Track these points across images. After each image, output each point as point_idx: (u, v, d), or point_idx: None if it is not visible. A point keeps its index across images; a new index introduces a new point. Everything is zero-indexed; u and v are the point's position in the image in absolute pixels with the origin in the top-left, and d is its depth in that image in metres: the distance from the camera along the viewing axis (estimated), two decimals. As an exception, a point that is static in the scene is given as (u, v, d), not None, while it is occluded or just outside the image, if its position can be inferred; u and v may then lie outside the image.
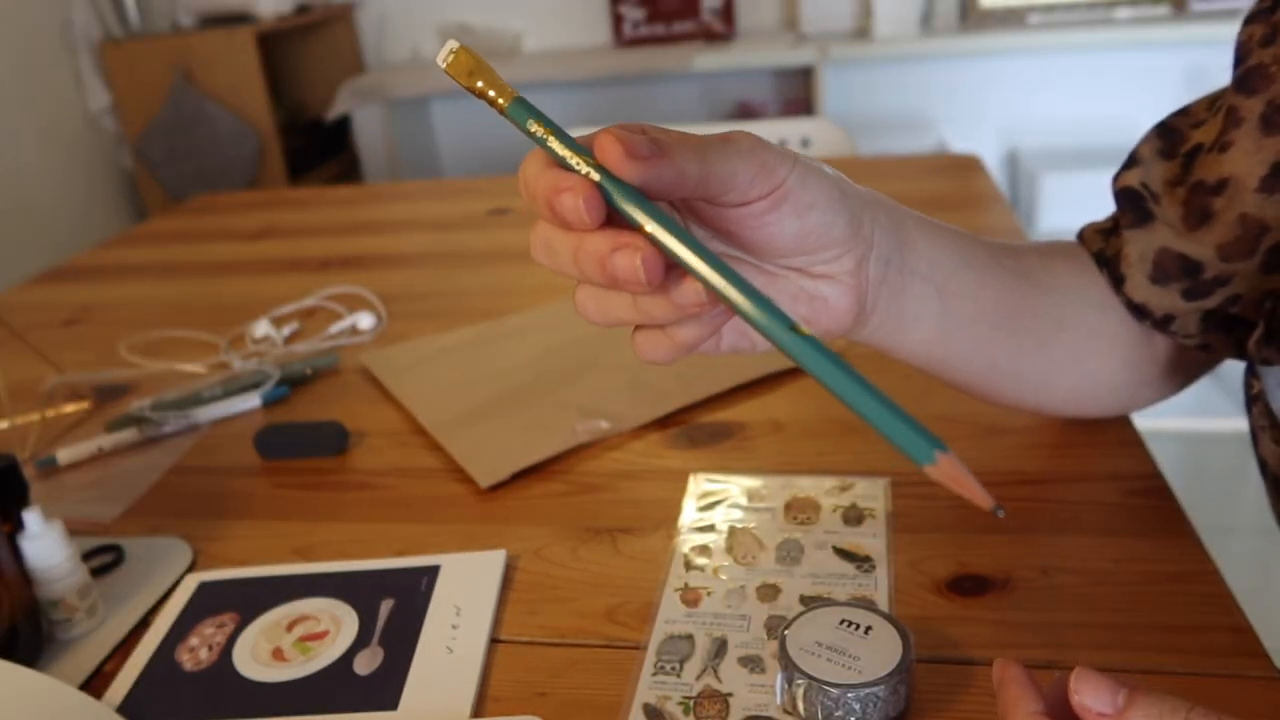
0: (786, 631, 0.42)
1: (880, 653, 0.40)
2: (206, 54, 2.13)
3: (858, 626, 0.42)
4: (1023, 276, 0.50)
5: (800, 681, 0.40)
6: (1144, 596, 0.46)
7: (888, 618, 0.42)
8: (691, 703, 0.42)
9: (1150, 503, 0.53)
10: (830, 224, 0.40)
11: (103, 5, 2.25)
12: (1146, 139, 0.52)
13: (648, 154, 0.33)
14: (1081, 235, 0.55)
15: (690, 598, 0.49)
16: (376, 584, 0.52)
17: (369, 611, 0.50)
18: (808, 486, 0.57)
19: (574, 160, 0.34)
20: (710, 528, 0.54)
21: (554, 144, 0.34)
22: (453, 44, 0.35)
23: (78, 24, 2.17)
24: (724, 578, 0.50)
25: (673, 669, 0.44)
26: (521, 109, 0.35)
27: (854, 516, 0.54)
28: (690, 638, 0.46)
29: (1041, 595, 0.47)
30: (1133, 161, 0.52)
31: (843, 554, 0.51)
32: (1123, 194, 0.51)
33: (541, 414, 0.67)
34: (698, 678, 0.44)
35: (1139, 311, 0.51)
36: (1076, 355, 0.52)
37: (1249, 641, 0.43)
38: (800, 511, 0.55)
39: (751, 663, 0.44)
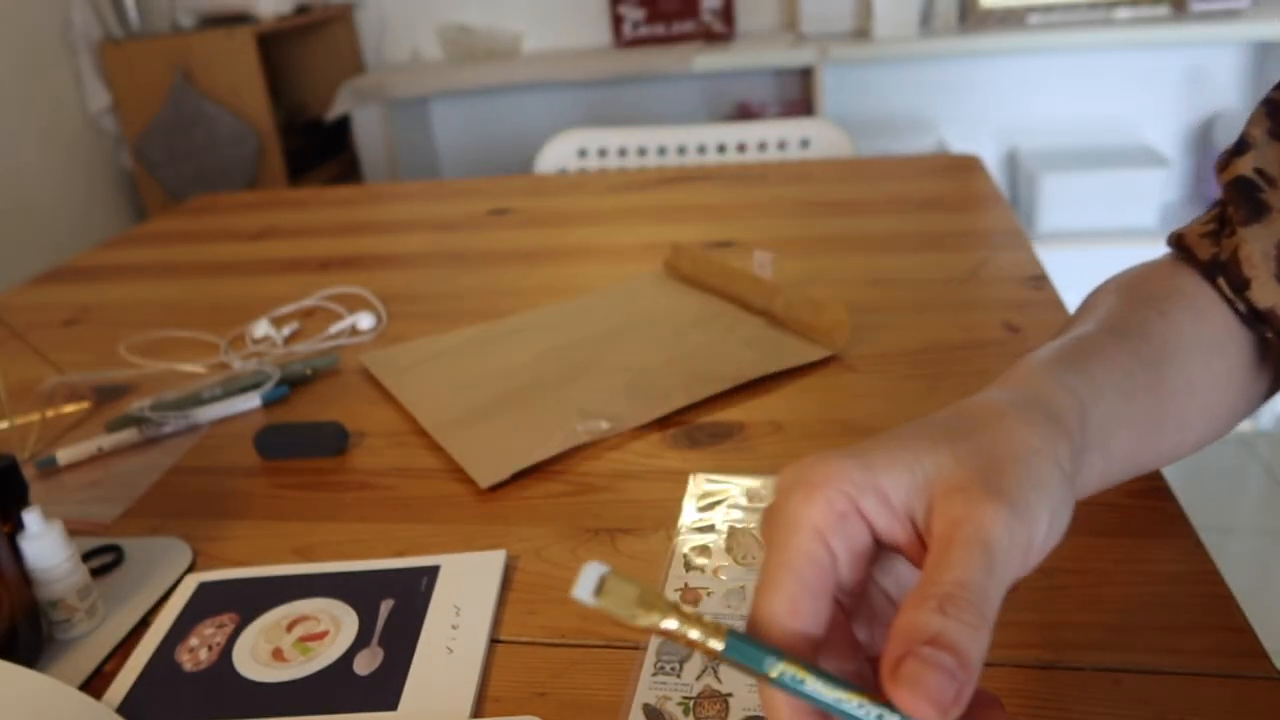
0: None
1: None
2: (206, 54, 2.13)
3: None
4: (1157, 362, 0.44)
5: None
6: (1144, 596, 0.46)
7: None
8: (691, 703, 0.42)
9: (1150, 503, 0.53)
10: (1066, 525, 0.33)
11: (102, 5, 2.25)
12: (1254, 119, 0.47)
13: (956, 690, 0.27)
14: (1183, 243, 0.48)
15: (690, 598, 0.49)
16: (376, 584, 0.52)
17: (369, 612, 0.50)
18: (808, 487, 0.57)
19: (853, 707, 0.28)
20: (710, 528, 0.54)
21: (816, 687, 0.28)
22: (598, 569, 0.28)
23: (78, 24, 2.17)
24: (724, 578, 0.50)
25: (672, 669, 0.44)
26: (757, 651, 0.28)
27: (854, 517, 0.54)
28: None
29: (1041, 595, 0.47)
30: (1243, 146, 0.46)
31: (843, 554, 0.51)
32: (1234, 185, 0.46)
33: (541, 414, 0.67)
34: (697, 678, 0.44)
35: (1264, 318, 0.45)
36: (1207, 411, 0.47)
37: (1249, 641, 0.43)
38: (800, 512, 0.55)
39: None
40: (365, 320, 0.86)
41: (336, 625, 0.50)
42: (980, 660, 0.28)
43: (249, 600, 0.52)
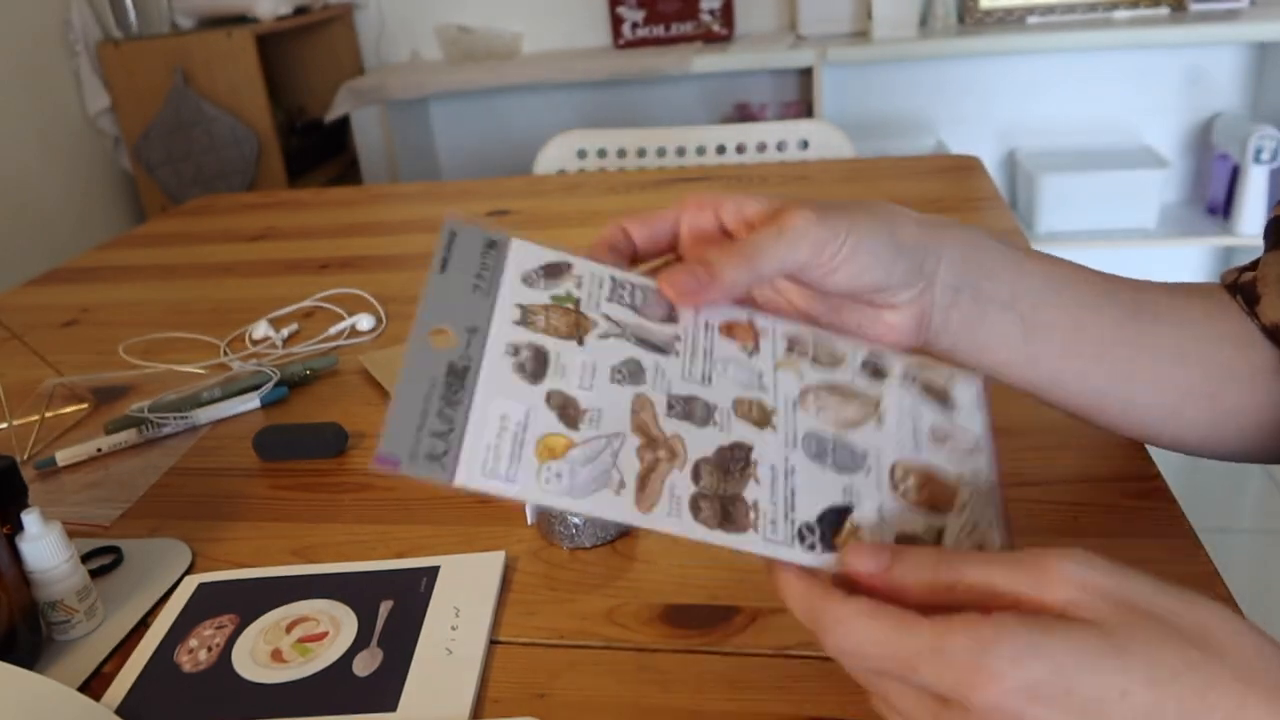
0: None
1: None
2: (205, 55, 2.13)
3: None
4: (1139, 311, 0.48)
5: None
6: (1144, 597, 0.46)
7: None
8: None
9: (1150, 503, 0.53)
10: (886, 275, 0.41)
11: (102, 6, 2.25)
12: None
13: (696, 288, 0.38)
14: (1223, 277, 0.54)
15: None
16: (375, 585, 0.52)
17: (368, 613, 0.50)
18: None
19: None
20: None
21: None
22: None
23: (77, 25, 2.17)
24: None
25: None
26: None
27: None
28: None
29: (1041, 596, 0.47)
30: None
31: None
32: (1271, 224, 0.51)
33: (541, 415, 0.67)
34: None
35: (1271, 333, 0.49)
36: (1203, 391, 0.49)
37: (1249, 642, 0.43)
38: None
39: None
40: (365, 321, 0.86)
41: (336, 626, 0.50)
42: (732, 285, 0.38)
43: (248, 601, 0.52)
